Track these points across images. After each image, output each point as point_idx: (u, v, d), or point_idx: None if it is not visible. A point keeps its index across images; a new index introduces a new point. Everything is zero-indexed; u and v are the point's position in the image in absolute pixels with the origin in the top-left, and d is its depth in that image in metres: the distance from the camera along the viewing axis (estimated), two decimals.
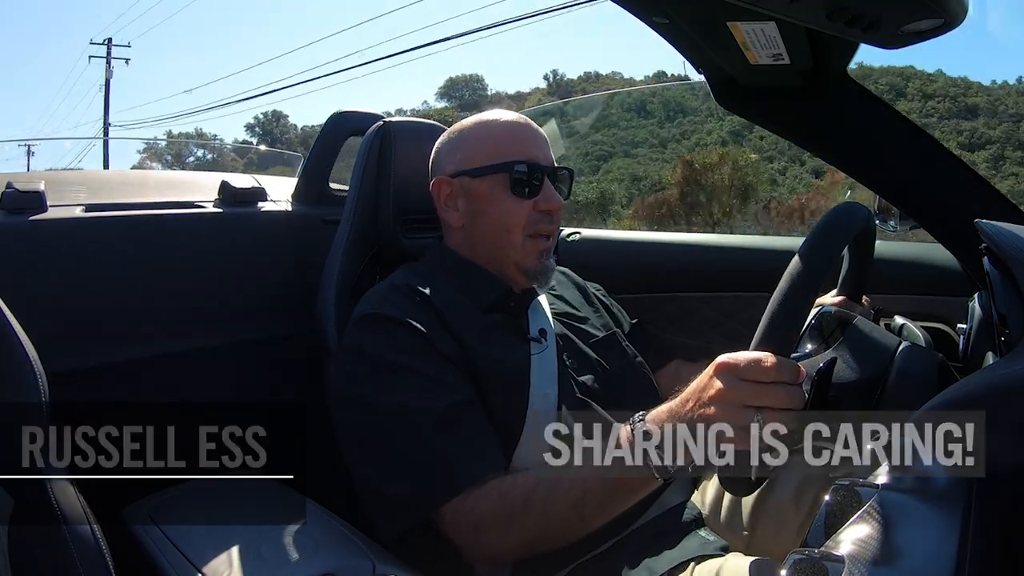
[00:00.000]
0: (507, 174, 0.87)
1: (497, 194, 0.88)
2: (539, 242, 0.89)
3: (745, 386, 0.57)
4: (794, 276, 0.58)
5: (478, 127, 0.92)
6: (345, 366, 0.80)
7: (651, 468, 0.63)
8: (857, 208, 0.69)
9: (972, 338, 0.72)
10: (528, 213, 0.88)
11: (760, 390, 0.57)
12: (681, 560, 0.74)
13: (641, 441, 0.63)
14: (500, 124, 0.91)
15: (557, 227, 0.92)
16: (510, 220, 0.88)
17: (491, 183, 0.88)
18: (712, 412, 0.58)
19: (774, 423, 0.56)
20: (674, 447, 0.62)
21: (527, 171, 0.88)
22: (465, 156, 0.90)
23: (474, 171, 0.89)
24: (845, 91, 0.90)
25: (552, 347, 0.86)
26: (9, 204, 1.01)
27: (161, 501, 0.84)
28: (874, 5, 0.57)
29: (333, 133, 1.33)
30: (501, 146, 0.89)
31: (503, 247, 0.89)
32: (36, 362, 0.55)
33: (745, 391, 0.57)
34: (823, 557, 0.31)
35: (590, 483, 0.66)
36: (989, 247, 0.72)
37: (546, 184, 0.89)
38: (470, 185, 0.89)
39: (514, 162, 0.87)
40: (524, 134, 0.90)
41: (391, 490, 0.73)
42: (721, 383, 0.58)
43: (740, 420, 0.57)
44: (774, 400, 0.56)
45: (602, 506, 0.68)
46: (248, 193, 1.27)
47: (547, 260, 0.91)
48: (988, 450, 0.39)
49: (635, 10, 0.77)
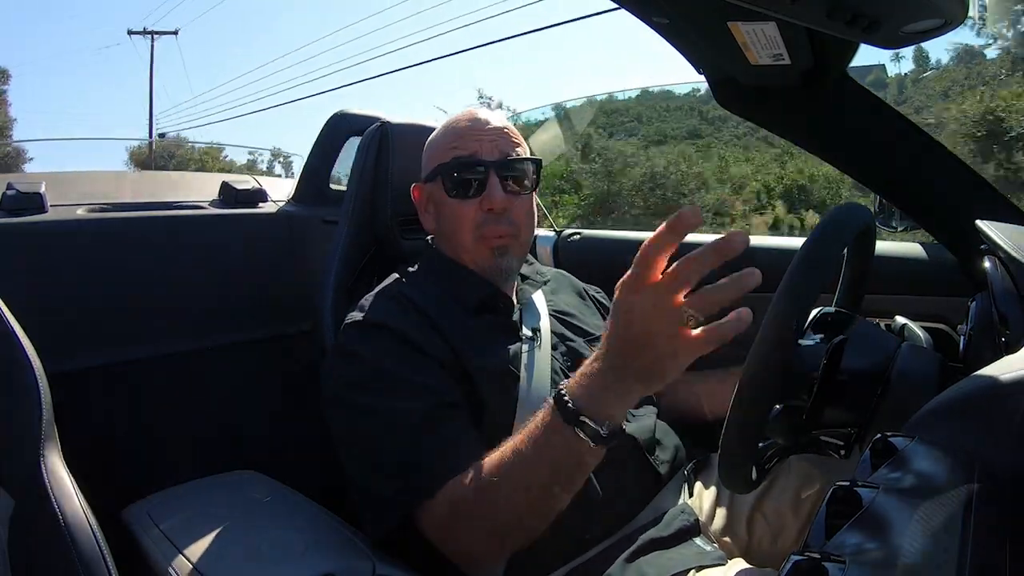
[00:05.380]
0: (441, 176, 0.86)
1: (441, 197, 0.87)
2: (487, 242, 0.86)
3: (649, 289, 0.52)
4: (796, 272, 0.58)
5: (438, 129, 0.92)
6: (335, 369, 0.80)
7: (584, 439, 0.59)
8: (858, 208, 0.69)
9: (972, 338, 0.72)
10: (475, 213, 0.85)
11: (667, 281, 0.52)
12: (678, 570, 0.73)
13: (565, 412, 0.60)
14: (447, 123, 0.90)
15: (516, 224, 0.86)
16: (456, 222, 0.86)
17: (436, 186, 0.88)
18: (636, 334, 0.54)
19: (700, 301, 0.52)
20: (604, 408, 0.59)
21: (459, 168, 0.85)
22: (426, 161, 0.91)
23: (428, 175, 0.89)
24: (845, 91, 0.90)
25: (546, 345, 0.86)
26: (10, 205, 1.01)
27: (161, 501, 0.84)
28: (874, 5, 0.57)
29: (332, 133, 1.33)
30: (444, 147, 0.87)
31: (458, 249, 0.88)
32: (36, 362, 0.55)
33: (653, 292, 0.52)
34: (823, 558, 0.31)
35: (531, 467, 0.63)
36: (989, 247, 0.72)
37: (490, 180, 0.84)
38: (429, 190, 0.90)
39: (446, 162, 0.86)
40: (467, 130, 0.86)
41: (375, 490, 0.73)
42: (627, 301, 0.54)
43: (671, 322, 0.52)
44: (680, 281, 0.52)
45: (551, 487, 0.64)
46: (248, 193, 1.27)
47: (500, 258, 0.87)
48: (988, 451, 0.39)
49: (635, 10, 0.77)
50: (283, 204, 1.32)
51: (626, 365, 0.57)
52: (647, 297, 0.53)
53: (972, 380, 0.43)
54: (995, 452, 0.38)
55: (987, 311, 0.68)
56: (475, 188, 0.85)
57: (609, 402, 0.59)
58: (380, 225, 1.01)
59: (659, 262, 0.53)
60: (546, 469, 0.63)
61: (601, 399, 0.59)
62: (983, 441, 0.40)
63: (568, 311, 0.96)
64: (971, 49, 14.08)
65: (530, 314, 0.90)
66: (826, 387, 0.64)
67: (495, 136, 0.86)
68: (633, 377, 0.58)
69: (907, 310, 0.87)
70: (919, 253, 1.13)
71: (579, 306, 1.00)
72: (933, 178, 0.94)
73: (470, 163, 0.85)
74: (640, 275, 0.53)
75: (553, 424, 0.61)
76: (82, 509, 0.50)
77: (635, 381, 0.58)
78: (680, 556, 0.75)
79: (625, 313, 0.55)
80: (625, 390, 0.59)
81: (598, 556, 0.75)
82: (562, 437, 0.60)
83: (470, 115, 0.89)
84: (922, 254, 1.12)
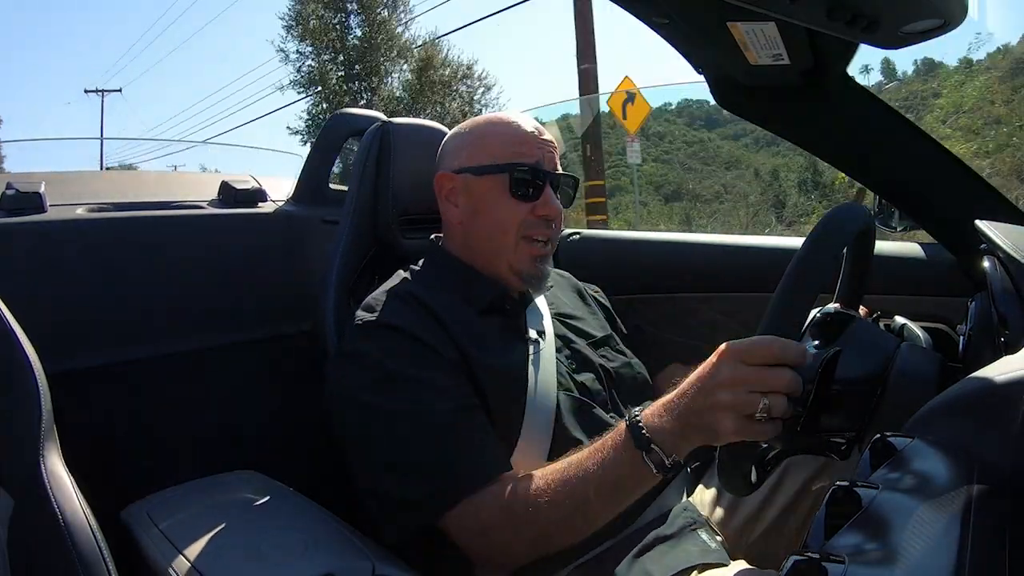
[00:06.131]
0: (508, 175, 0.87)
1: (496, 194, 0.88)
2: (534, 246, 0.89)
3: (751, 370, 0.57)
4: (795, 274, 0.58)
5: (487, 125, 0.92)
6: (345, 371, 0.80)
7: (649, 465, 0.63)
8: (857, 208, 0.69)
9: (972, 338, 0.72)
10: (525, 216, 0.88)
11: (766, 373, 0.56)
12: (682, 567, 0.74)
13: (638, 438, 0.63)
14: (508, 125, 0.91)
15: (555, 233, 0.91)
16: (506, 221, 0.88)
17: (492, 182, 0.88)
18: (716, 400, 0.58)
19: (778, 406, 0.56)
20: (672, 442, 0.62)
21: (529, 174, 0.88)
22: (471, 153, 0.90)
23: (477, 169, 0.89)
24: (845, 91, 0.90)
25: (551, 347, 0.86)
26: (9, 205, 1.01)
27: (161, 501, 0.84)
28: (874, 5, 0.57)
29: (333, 133, 1.33)
30: (506, 147, 0.89)
31: (497, 248, 0.89)
32: (36, 363, 0.55)
33: (752, 374, 0.57)
34: (823, 558, 0.31)
35: (591, 483, 0.66)
36: (989, 247, 0.72)
37: (547, 190, 0.88)
38: (472, 183, 0.89)
39: (517, 164, 0.87)
40: (531, 137, 0.90)
41: (398, 493, 0.73)
42: (727, 368, 0.58)
43: (747, 406, 0.56)
44: (781, 382, 0.56)
45: (604, 505, 0.68)
46: (248, 193, 1.27)
47: (541, 265, 0.90)
48: (988, 451, 0.39)
49: (635, 10, 0.77)
50: (282, 204, 1.32)
51: (692, 416, 0.61)
52: (742, 372, 0.57)
53: (972, 380, 0.43)
54: (995, 452, 0.38)
55: (987, 311, 0.68)
56: (530, 194, 0.88)
57: (677, 438, 0.63)
58: (382, 224, 1.01)
59: (767, 359, 0.57)
60: (605, 486, 0.66)
61: (672, 432, 0.63)
62: (983, 441, 0.40)
63: (570, 313, 0.96)
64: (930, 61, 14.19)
65: (533, 316, 0.90)
66: (821, 397, 0.64)
67: (551, 149, 0.91)
68: (692, 427, 0.62)
69: (907, 310, 0.87)
70: (919, 253, 1.13)
71: (580, 308, 1.01)
72: (933, 178, 0.94)
73: (539, 170, 0.88)
74: (746, 354, 0.57)
75: (624, 447, 0.65)
76: (82, 509, 0.50)
77: (693, 432, 0.62)
78: (684, 553, 0.76)
79: (714, 374, 0.59)
80: (687, 435, 0.62)
81: (604, 554, 0.76)
82: (629, 460, 0.64)
83: (527, 120, 0.92)
84: (922, 254, 1.12)
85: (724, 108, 0.98)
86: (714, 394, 0.58)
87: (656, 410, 0.64)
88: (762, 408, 0.56)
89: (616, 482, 0.66)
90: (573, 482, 0.67)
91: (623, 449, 0.65)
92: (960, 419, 0.43)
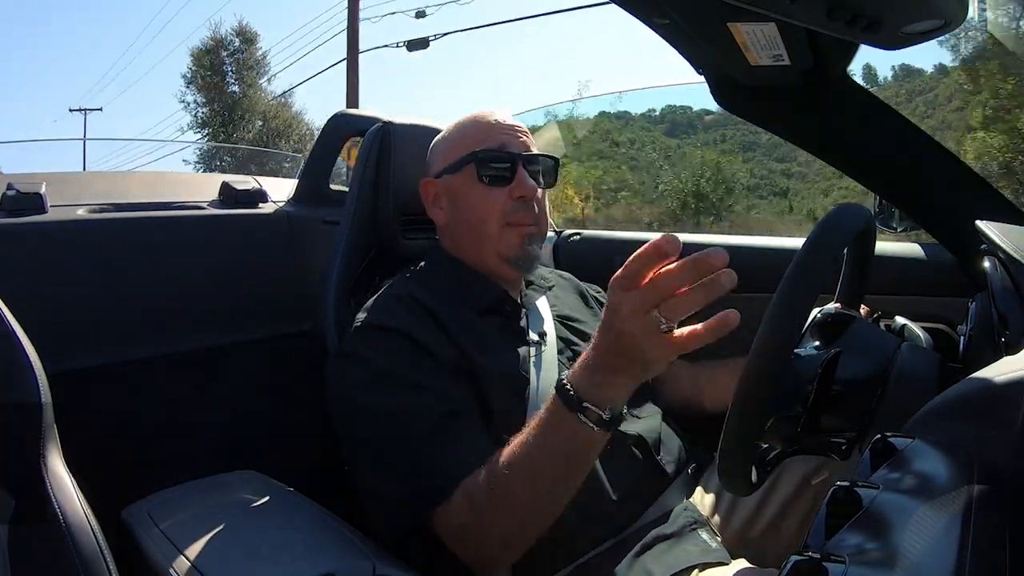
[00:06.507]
0: (474, 163, 0.88)
1: (469, 185, 0.88)
2: (518, 229, 0.88)
3: (635, 293, 0.56)
4: (795, 275, 0.58)
5: (457, 126, 0.94)
6: (345, 372, 0.80)
7: (588, 424, 0.62)
8: (858, 208, 0.69)
9: (972, 338, 0.72)
10: (504, 202, 0.87)
11: (648, 289, 0.55)
12: (682, 567, 0.73)
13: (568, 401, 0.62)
14: (475, 119, 0.92)
15: (538, 215, 0.90)
16: (485, 210, 0.88)
17: (464, 176, 0.89)
18: (623, 331, 0.57)
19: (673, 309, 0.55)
20: (602, 394, 0.61)
21: (494, 158, 0.88)
22: (445, 155, 0.92)
23: (450, 167, 0.90)
24: (845, 91, 0.90)
25: (552, 350, 0.86)
26: (10, 205, 1.01)
27: (161, 501, 0.84)
28: (874, 5, 0.57)
29: (333, 134, 1.33)
30: (468, 138, 0.90)
31: (482, 238, 0.89)
32: (36, 363, 0.55)
33: (637, 297, 0.56)
34: (824, 558, 0.31)
35: (540, 459, 0.65)
36: (989, 247, 0.72)
37: (520, 170, 0.88)
38: (449, 182, 0.91)
39: (480, 150, 0.88)
40: (491, 123, 0.90)
41: (390, 492, 0.73)
42: (615, 299, 0.57)
43: (647, 329, 0.56)
44: (660, 290, 0.55)
45: (562, 478, 0.66)
46: (248, 194, 1.27)
47: (530, 246, 0.89)
48: (988, 451, 0.39)
49: (636, 11, 0.77)
50: (282, 204, 1.32)
51: (613, 358, 0.60)
52: (629, 300, 0.56)
53: (972, 380, 0.43)
54: (995, 452, 0.38)
55: (987, 311, 0.68)
56: (503, 178, 0.88)
57: (606, 389, 0.62)
58: (382, 225, 1.01)
59: (645, 271, 0.55)
60: (554, 458, 0.65)
61: (600, 385, 0.61)
62: (983, 441, 0.40)
63: (572, 316, 0.96)
64: (908, 67, 14.20)
65: (535, 318, 0.90)
66: (822, 398, 0.64)
67: (519, 132, 0.91)
68: (620, 369, 0.61)
69: (907, 310, 0.87)
70: (919, 253, 1.13)
71: (582, 310, 1.01)
72: (933, 178, 0.94)
73: (502, 154, 0.88)
74: (627, 279, 0.56)
75: (558, 413, 0.63)
76: (82, 509, 0.50)
77: (622, 373, 0.61)
78: (685, 552, 0.76)
79: (611, 311, 0.58)
80: (617, 381, 0.61)
81: (605, 553, 0.76)
82: (567, 424, 0.62)
83: (491, 113, 0.92)
84: (922, 254, 1.12)
85: (724, 108, 0.98)
86: (618, 328, 0.58)
87: (577, 370, 0.63)
88: (655, 319, 0.55)
89: (565, 452, 0.64)
90: (522, 462, 0.66)
91: (558, 417, 0.63)
92: (960, 419, 0.43)
